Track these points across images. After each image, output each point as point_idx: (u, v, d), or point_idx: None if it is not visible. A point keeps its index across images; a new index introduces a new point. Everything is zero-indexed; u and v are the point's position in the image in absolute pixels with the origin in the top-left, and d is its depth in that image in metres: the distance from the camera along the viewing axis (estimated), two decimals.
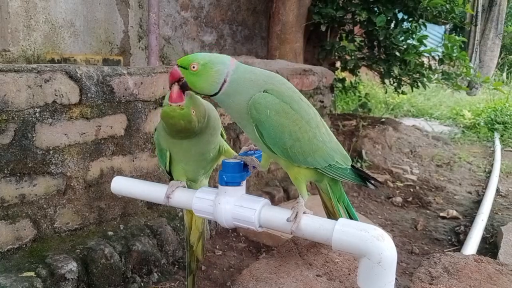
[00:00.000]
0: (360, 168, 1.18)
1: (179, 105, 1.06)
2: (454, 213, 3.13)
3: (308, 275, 1.15)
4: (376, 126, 4.99)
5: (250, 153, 1.24)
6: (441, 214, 3.14)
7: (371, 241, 0.93)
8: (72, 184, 1.89)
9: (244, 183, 1.15)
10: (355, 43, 4.33)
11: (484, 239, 2.66)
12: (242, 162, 1.15)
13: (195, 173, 1.33)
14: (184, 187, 1.28)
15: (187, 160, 1.28)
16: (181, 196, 1.24)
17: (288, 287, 1.09)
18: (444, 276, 1.17)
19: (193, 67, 1.03)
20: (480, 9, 8.24)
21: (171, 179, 1.37)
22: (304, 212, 1.04)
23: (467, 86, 4.75)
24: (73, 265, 1.70)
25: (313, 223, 1.03)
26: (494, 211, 3.18)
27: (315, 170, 1.11)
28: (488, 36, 9.12)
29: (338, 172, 1.13)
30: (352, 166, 1.17)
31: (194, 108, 1.11)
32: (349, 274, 1.20)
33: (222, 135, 1.34)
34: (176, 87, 1.06)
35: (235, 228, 2.57)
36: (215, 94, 1.04)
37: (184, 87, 1.07)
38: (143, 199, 1.47)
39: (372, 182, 1.21)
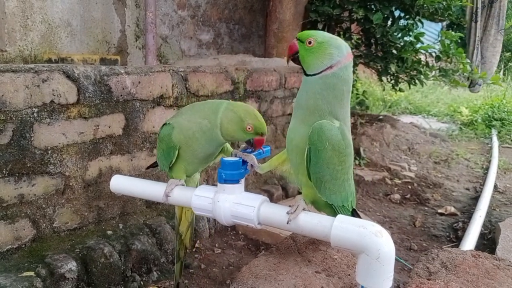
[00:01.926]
0: (358, 212, 1.23)
1: None
2: (452, 209, 3.14)
3: (307, 272, 1.15)
4: (374, 124, 4.99)
5: (248, 151, 1.25)
6: (439, 211, 3.15)
7: (370, 237, 0.94)
8: (70, 184, 1.90)
9: (242, 181, 1.16)
10: (352, 41, 4.33)
11: (482, 235, 2.67)
12: (241, 160, 1.16)
13: (194, 171, 1.36)
14: (183, 185, 1.29)
15: (192, 160, 1.29)
16: (180, 194, 1.25)
17: (287, 283, 1.09)
18: (442, 271, 1.18)
19: (309, 42, 1.05)
20: (480, 5, 8.22)
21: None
22: (304, 209, 1.05)
23: (470, 84, 4.73)
24: (72, 265, 1.70)
25: (312, 220, 1.03)
26: (492, 207, 3.19)
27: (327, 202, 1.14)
28: (490, 32, 9.09)
29: (341, 211, 1.16)
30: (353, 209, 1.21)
31: None
32: (348, 270, 1.20)
33: None
34: None
35: (234, 226, 2.58)
36: (314, 74, 1.05)
37: (296, 61, 1.10)
38: (142, 197, 1.48)
39: None
